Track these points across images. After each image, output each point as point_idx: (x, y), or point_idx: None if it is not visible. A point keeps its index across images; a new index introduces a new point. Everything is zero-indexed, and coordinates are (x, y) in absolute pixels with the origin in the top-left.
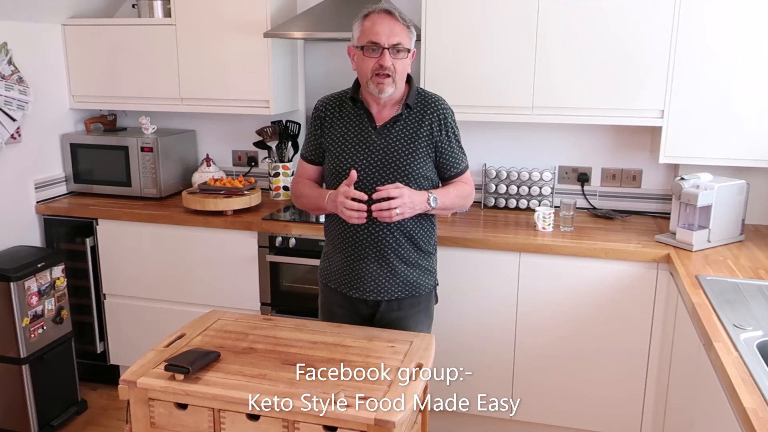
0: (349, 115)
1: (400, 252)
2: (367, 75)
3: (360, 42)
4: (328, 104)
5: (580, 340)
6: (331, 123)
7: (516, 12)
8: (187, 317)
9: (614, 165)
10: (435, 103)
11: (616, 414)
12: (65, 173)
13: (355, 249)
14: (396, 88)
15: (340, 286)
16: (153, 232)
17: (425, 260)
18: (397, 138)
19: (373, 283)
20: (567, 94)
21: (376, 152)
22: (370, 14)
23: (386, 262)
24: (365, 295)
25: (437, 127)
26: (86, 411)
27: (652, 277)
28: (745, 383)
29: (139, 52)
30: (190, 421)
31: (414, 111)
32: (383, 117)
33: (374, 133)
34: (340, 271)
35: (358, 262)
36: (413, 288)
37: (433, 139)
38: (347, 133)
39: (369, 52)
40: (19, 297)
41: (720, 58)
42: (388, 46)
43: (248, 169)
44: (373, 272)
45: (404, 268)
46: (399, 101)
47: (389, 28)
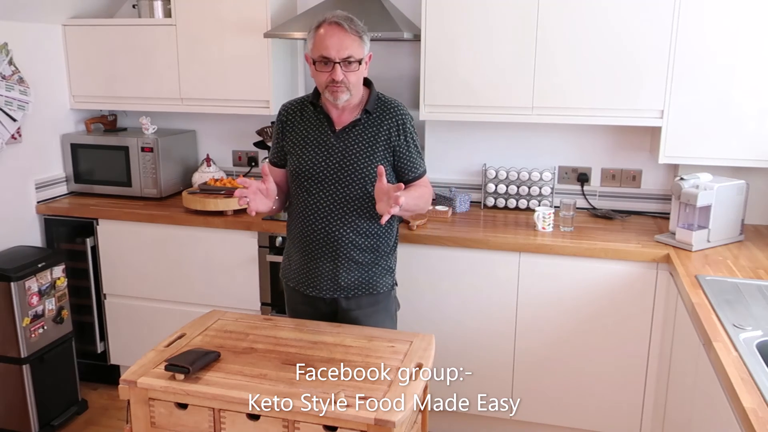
0: (309, 119)
1: (354, 253)
2: (322, 85)
3: (313, 55)
4: (289, 109)
5: (580, 340)
6: (292, 127)
7: (516, 12)
8: (187, 317)
9: (614, 165)
10: (394, 108)
11: (616, 414)
12: (66, 173)
13: (311, 248)
14: (352, 95)
15: (298, 285)
16: (153, 232)
17: (381, 260)
18: (356, 141)
19: (328, 282)
20: (567, 95)
21: (335, 155)
22: (323, 24)
23: (340, 261)
24: (322, 293)
25: (395, 132)
26: (86, 411)
27: (652, 277)
28: (744, 383)
29: (140, 52)
30: (191, 421)
31: (373, 116)
32: (342, 121)
33: (333, 136)
34: (298, 269)
35: (314, 260)
36: (369, 286)
37: (391, 143)
38: (307, 136)
39: (321, 66)
40: (20, 297)
41: (720, 58)
42: (338, 60)
43: (248, 169)
44: (328, 270)
45: (358, 266)
46: (358, 106)
47: (338, 42)
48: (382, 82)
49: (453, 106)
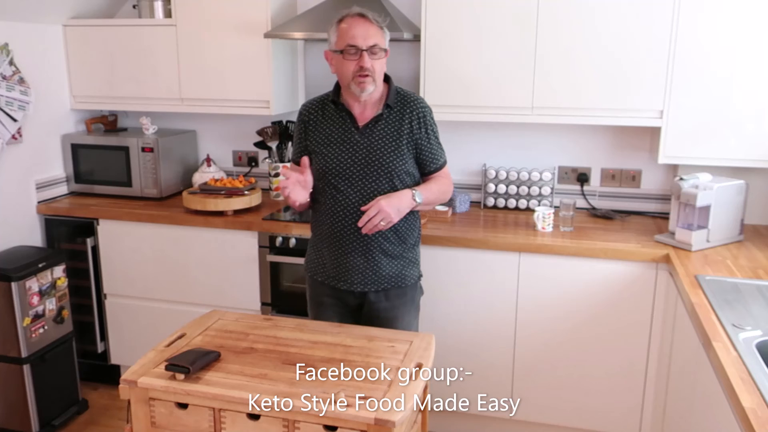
0: (332, 118)
1: (384, 245)
2: (349, 77)
3: (338, 46)
4: (310, 108)
5: (579, 340)
6: (315, 126)
7: (516, 12)
8: (188, 317)
9: (614, 165)
10: (414, 101)
11: (616, 413)
12: (66, 173)
13: (341, 243)
14: (376, 87)
15: (328, 279)
16: (153, 232)
17: (409, 252)
18: (380, 137)
19: (359, 276)
20: (566, 95)
21: (360, 151)
22: (345, 18)
23: (372, 256)
24: (353, 286)
25: (417, 125)
26: (87, 410)
27: (652, 277)
28: (744, 383)
29: (140, 52)
30: (191, 421)
31: (394, 110)
32: (365, 117)
33: (357, 133)
34: (328, 264)
35: (345, 255)
36: (398, 279)
37: (413, 137)
38: (331, 134)
39: (348, 55)
40: (20, 297)
41: (719, 58)
42: (365, 48)
43: (248, 170)
44: (359, 265)
45: (389, 260)
46: (379, 101)
47: (365, 31)
48: None
49: (453, 106)
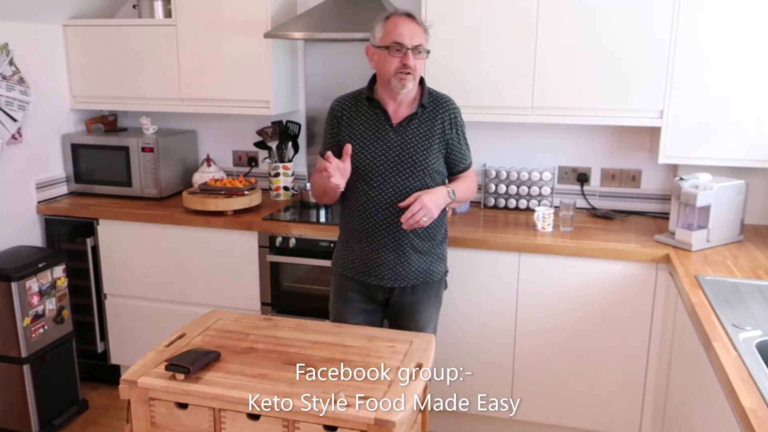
0: (365, 114)
1: (415, 241)
2: (390, 73)
3: (384, 42)
4: (344, 104)
5: (579, 340)
6: (349, 121)
7: (516, 12)
8: (188, 317)
9: (614, 165)
10: (446, 102)
11: (616, 414)
12: (66, 173)
13: (373, 239)
14: (413, 85)
15: (357, 274)
16: (153, 232)
17: (437, 248)
18: (413, 135)
19: (390, 271)
20: (566, 95)
21: (393, 148)
22: (392, 16)
23: (402, 251)
24: (382, 281)
25: (449, 125)
26: (87, 410)
27: (652, 277)
28: (744, 383)
29: (140, 52)
30: (191, 421)
31: (427, 110)
32: (399, 115)
33: (391, 130)
34: (358, 260)
35: (376, 251)
36: (427, 275)
37: (444, 136)
38: (365, 130)
39: (393, 52)
40: (20, 297)
41: (719, 58)
42: (411, 46)
43: (248, 170)
44: (390, 261)
45: (418, 256)
46: (413, 101)
47: (411, 30)
48: None
49: None
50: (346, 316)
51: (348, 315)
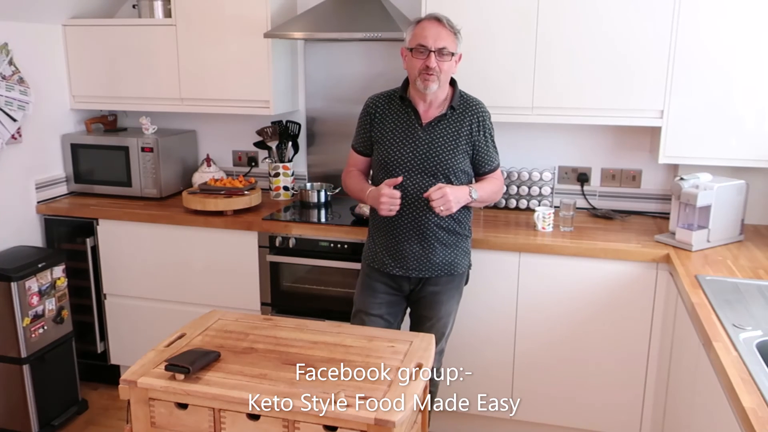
0: (397, 112)
1: (440, 234)
2: (415, 73)
3: (410, 44)
4: (378, 101)
5: (580, 340)
6: (381, 119)
7: (516, 12)
8: (188, 317)
9: (614, 165)
10: (476, 105)
11: (616, 414)
12: (66, 173)
13: (398, 231)
14: (440, 87)
15: (384, 266)
16: (153, 232)
17: (462, 242)
18: (441, 135)
19: (415, 262)
20: (567, 95)
21: (421, 147)
22: (422, 20)
23: (428, 243)
24: (408, 272)
25: (476, 128)
26: (87, 411)
27: (652, 277)
28: (744, 383)
29: (140, 52)
30: (191, 421)
31: (457, 112)
32: (429, 116)
33: (420, 129)
34: (384, 252)
35: (401, 243)
36: (451, 267)
37: (472, 138)
38: (396, 128)
39: (417, 54)
40: (20, 297)
41: (719, 58)
42: (434, 49)
43: (248, 169)
44: (415, 252)
45: (443, 248)
46: (444, 102)
47: (436, 33)
48: (382, 81)
49: None
50: (370, 306)
51: (372, 306)
